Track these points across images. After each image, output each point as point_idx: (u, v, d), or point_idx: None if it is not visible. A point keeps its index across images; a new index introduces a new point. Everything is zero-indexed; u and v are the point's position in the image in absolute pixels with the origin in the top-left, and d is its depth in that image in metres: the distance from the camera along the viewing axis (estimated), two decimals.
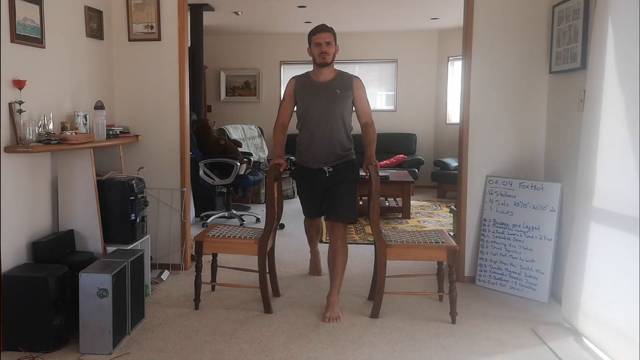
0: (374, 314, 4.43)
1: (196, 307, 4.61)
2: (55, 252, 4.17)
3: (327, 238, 6.42)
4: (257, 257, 4.53)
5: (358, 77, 4.79)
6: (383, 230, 4.53)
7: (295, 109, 4.88)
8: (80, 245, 4.48)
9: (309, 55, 4.73)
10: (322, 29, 4.68)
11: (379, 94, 12.09)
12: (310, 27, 4.67)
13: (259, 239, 4.53)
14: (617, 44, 3.65)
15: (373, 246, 4.66)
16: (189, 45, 6.21)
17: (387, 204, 8.80)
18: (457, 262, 4.40)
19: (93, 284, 3.74)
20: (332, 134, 4.65)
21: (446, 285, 4.47)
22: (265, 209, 4.82)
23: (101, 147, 4.75)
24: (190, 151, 6.07)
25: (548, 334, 4.10)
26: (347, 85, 4.69)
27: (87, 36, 4.96)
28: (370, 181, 4.41)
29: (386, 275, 4.39)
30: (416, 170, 10.54)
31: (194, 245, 5.79)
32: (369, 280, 4.98)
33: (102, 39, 5.21)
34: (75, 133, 4.34)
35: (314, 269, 5.57)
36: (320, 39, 4.64)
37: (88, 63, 5.00)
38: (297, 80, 4.84)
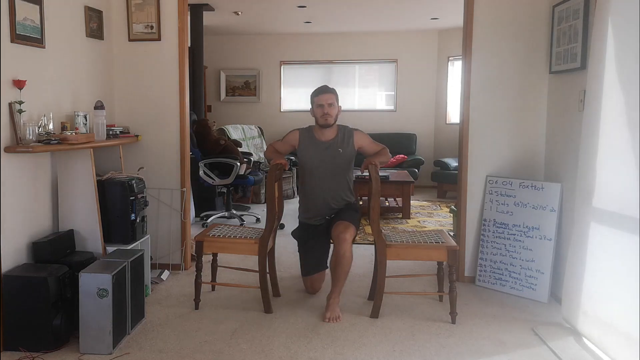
0: (374, 314, 4.43)
1: (196, 307, 4.61)
2: (55, 252, 4.17)
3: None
4: (257, 257, 4.53)
5: (358, 130, 4.91)
6: (383, 230, 4.52)
7: (292, 154, 5.02)
8: (80, 245, 4.48)
9: (311, 116, 4.87)
10: (324, 90, 4.80)
11: (378, 94, 12.10)
12: (311, 27, 4.68)
13: (259, 239, 4.53)
14: (617, 44, 3.65)
15: (373, 246, 4.65)
16: (189, 45, 6.21)
17: (387, 204, 8.79)
18: (457, 262, 4.39)
19: (93, 284, 3.74)
20: (335, 192, 4.83)
21: (446, 285, 4.47)
22: (265, 209, 4.82)
23: (101, 147, 4.75)
24: (190, 151, 6.07)
25: (548, 334, 4.10)
26: (348, 141, 4.83)
27: (87, 36, 4.96)
28: (371, 181, 4.41)
29: (386, 275, 4.39)
30: (416, 170, 10.55)
31: (194, 245, 5.79)
32: (369, 280, 4.98)
33: (102, 39, 5.21)
34: (75, 133, 4.33)
35: None
36: (323, 101, 4.73)
37: (88, 63, 5.00)
38: (301, 134, 4.94)
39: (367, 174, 4.46)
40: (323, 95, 4.75)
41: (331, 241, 4.67)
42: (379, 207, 4.45)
